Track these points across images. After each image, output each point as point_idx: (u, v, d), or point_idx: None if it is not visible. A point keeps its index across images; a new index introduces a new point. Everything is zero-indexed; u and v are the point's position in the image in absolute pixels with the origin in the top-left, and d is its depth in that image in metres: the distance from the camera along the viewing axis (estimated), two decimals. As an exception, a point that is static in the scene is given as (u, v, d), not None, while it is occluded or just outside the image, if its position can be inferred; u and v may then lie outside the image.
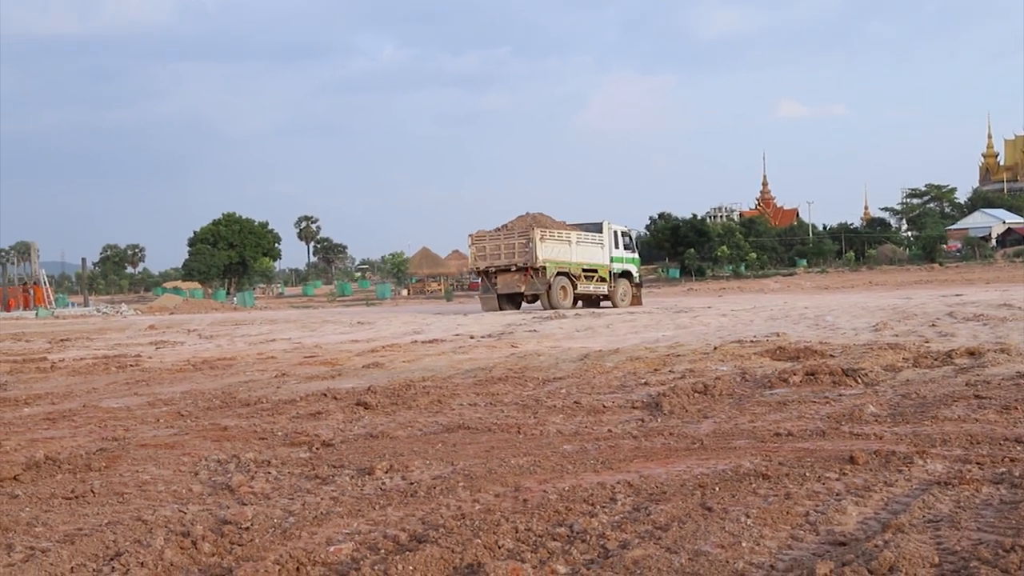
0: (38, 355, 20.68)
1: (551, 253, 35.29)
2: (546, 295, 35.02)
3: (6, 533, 5.47)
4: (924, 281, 63.61)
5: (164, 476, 7.09)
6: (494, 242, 36.02)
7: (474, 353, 17.18)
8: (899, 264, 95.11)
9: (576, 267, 36.28)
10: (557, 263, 35.37)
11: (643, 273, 48.19)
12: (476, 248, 36.46)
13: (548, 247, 35.22)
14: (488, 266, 36.14)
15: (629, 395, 10.52)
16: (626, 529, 5.02)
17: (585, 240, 37.03)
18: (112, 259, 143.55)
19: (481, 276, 37.37)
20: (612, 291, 37.74)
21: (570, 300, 35.82)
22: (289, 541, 5.19)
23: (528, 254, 34.85)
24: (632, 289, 39.09)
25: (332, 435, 8.53)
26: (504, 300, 36.44)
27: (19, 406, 11.65)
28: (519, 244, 35.21)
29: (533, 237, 34.78)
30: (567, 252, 36.07)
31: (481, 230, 36.85)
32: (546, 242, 35.18)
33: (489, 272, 36.25)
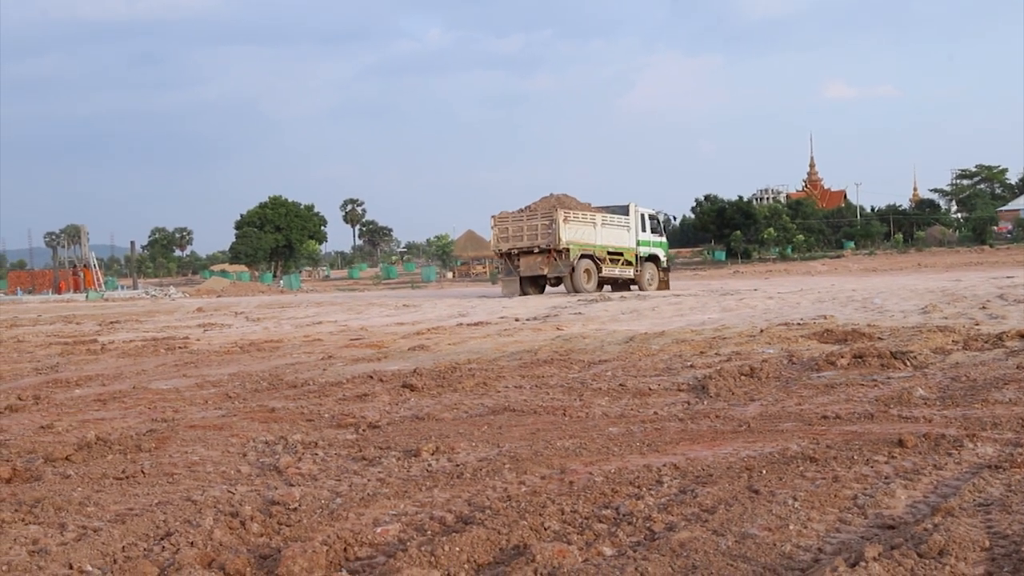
0: (89, 337, 20.92)
1: (575, 235, 34.64)
2: (569, 278, 34.42)
3: (59, 512, 5.55)
4: (974, 263, 62.95)
5: (213, 457, 7.15)
6: (517, 224, 35.41)
7: (519, 336, 17.19)
8: (948, 246, 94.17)
9: (601, 250, 35.57)
10: (581, 245, 34.71)
11: (689, 255, 47.98)
12: (499, 230, 35.85)
13: (572, 229, 34.56)
14: (510, 248, 35.58)
15: (675, 377, 10.49)
16: (672, 511, 5.01)
17: (610, 222, 36.43)
18: (160, 242, 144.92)
19: (503, 258, 36.63)
20: (638, 275, 37.06)
21: (594, 283, 35.10)
22: (336, 522, 5.22)
23: (551, 236, 34.25)
24: (659, 273, 38.39)
25: (378, 417, 8.57)
26: (527, 283, 35.82)
27: (71, 387, 11.80)
28: (542, 226, 34.62)
29: (556, 218, 34.18)
30: (591, 234, 35.39)
31: (504, 211, 36.25)
32: (569, 224, 34.53)
33: (511, 254, 35.71)
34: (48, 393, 11.19)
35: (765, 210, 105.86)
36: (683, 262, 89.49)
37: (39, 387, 11.86)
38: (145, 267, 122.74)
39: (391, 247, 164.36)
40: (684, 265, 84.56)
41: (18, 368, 14.53)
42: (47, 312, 36.75)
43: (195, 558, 4.57)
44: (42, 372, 13.81)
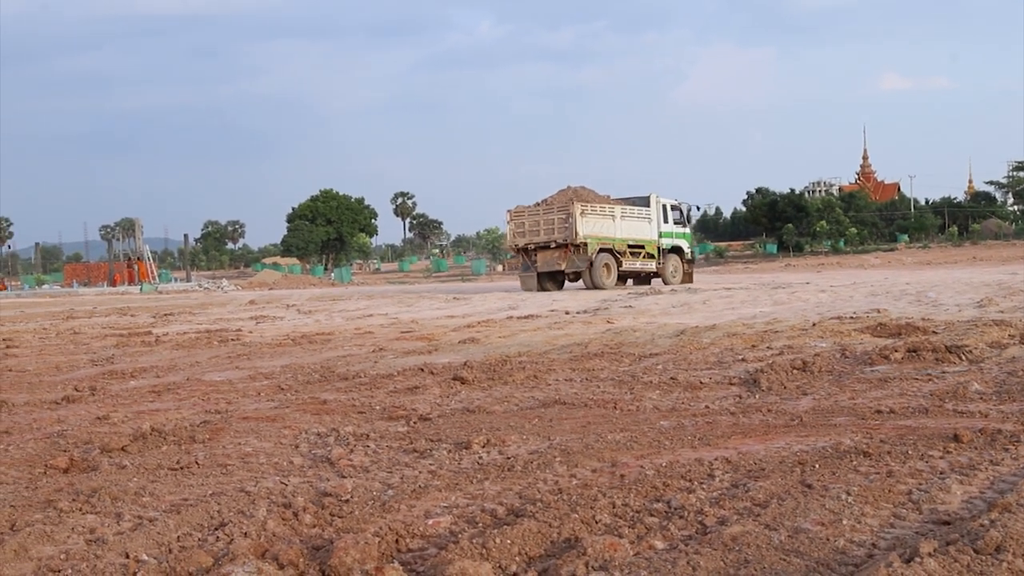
0: (143, 329, 21.16)
1: (593, 229, 33.61)
2: (587, 273, 33.44)
3: (115, 502, 5.62)
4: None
5: (266, 448, 7.21)
6: (533, 218, 34.36)
7: (570, 329, 17.18)
8: (1004, 239, 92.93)
9: (621, 243, 34.50)
10: (599, 239, 33.69)
11: (740, 249, 47.16)
12: (515, 224, 34.90)
13: (589, 222, 33.55)
14: (527, 243, 34.53)
15: (726, 371, 10.44)
16: (724, 505, 4.99)
17: (630, 215, 35.31)
18: (213, 235, 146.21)
19: (520, 253, 35.60)
20: (661, 268, 36.01)
21: (614, 278, 34.17)
22: (388, 513, 5.25)
23: (568, 230, 33.22)
24: (683, 265, 37.25)
25: (429, 409, 8.61)
26: (544, 278, 34.84)
27: (126, 379, 11.94)
28: (558, 220, 33.60)
29: (573, 212, 33.15)
30: (610, 227, 34.32)
31: (520, 205, 35.25)
32: (587, 217, 33.50)
33: (528, 249, 34.63)
34: (104, 384, 11.33)
35: (817, 203, 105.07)
36: (734, 255, 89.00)
37: (95, 378, 12.02)
38: (198, 260, 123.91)
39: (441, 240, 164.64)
40: (735, 258, 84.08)
41: (74, 360, 14.73)
42: (102, 304, 37.22)
43: (249, 548, 4.61)
44: (98, 364, 13.99)
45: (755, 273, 51.99)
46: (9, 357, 15.56)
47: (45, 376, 12.65)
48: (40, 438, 7.94)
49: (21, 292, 63.12)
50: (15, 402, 10.08)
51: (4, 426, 8.61)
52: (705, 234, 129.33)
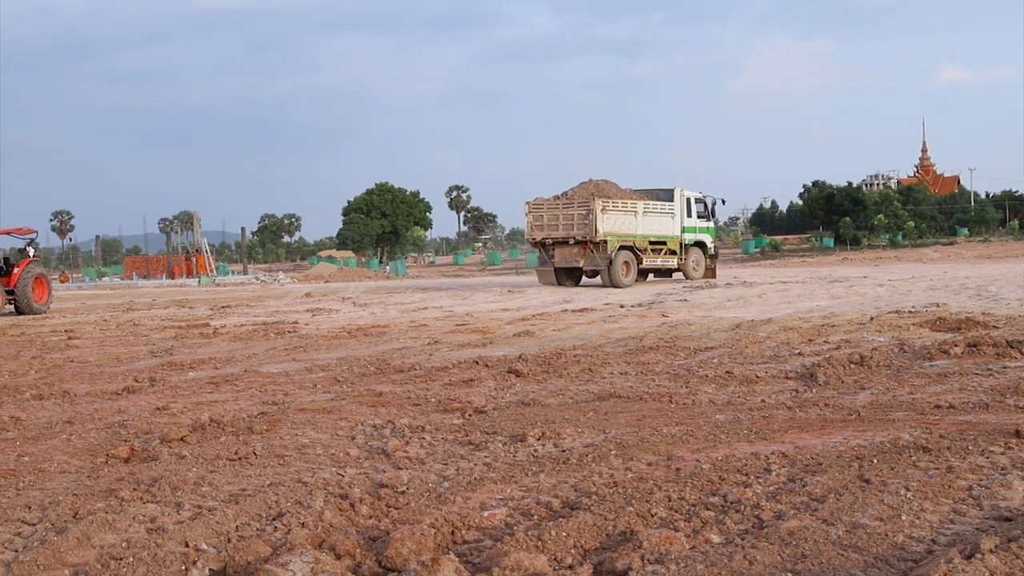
0: (201, 321, 21.37)
1: (613, 225, 32.05)
2: (606, 271, 31.93)
3: (175, 492, 5.69)
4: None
5: (322, 440, 7.27)
6: (552, 211, 32.82)
7: (624, 322, 17.14)
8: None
9: (642, 240, 33.10)
10: (620, 236, 32.18)
11: (796, 242, 46.12)
12: (533, 217, 33.21)
13: (610, 219, 31.98)
14: (545, 237, 32.90)
15: (782, 365, 10.37)
16: (781, 500, 4.96)
17: (653, 210, 33.88)
18: (270, 228, 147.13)
19: (538, 248, 34.02)
20: (683, 264, 34.72)
21: (633, 276, 32.61)
22: (444, 505, 5.27)
23: (588, 227, 31.70)
24: (706, 260, 35.85)
25: (484, 402, 8.63)
26: (562, 275, 33.40)
27: (184, 370, 12.08)
28: (578, 215, 32.09)
29: (594, 208, 31.59)
30: (632, 224, 32.82)
31: (539, 197, 33.89)
32: (608, 214, 31.91)
33: (546, 244, 33.08)
34: (163, 375, 11.47)
35: (875, 196, 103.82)
36: (790, 249, 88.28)
37: (154, 370, 12.16)
38: (255, 253, 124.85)
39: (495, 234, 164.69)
40: (791, 252, 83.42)
41: (135, 351, 14.91)
42: (161, 296, 37.64)
43: (306, 538, 4.66)
44: (157, 355, 14.16)
45: (811, 267, 51.52)
46: (71, 348, 15.79)
47: (106, 367, 12.82)
48: (102, 428, 8.06)
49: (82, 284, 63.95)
50: (77, 392, 10.23)
51: (67, 416, 8.75)
52: (761, 227, 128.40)
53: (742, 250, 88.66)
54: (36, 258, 29.89)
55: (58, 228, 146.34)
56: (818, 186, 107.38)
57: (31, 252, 29.74)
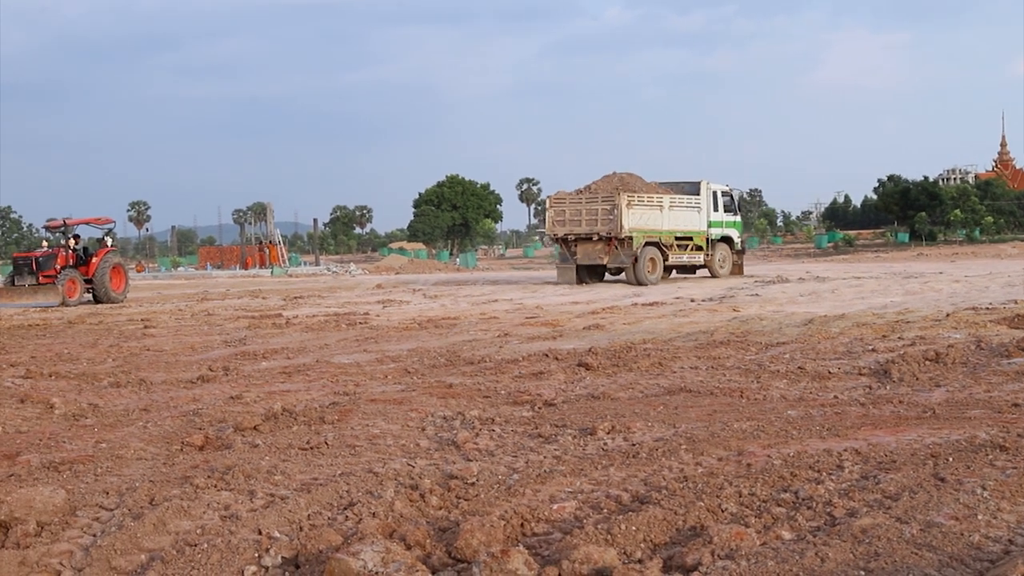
0: (274, 312, 21.61)
1: (639, 221, 30.75)
2: (631, 269, 30.61)
3: (248, 480, 5.77)
4: None
5: (393, 431, 7.32)
6: (575, 206, 31.46)
7: (695, 316, 17.05)
8: None
9: (668, 235, 31.72)
10: (646, 232, 30.81)
11: (870, 237, 44.77)
12: (554, 212, 32.00)
13: (636, 214, 30.66)
14: (567, 233, 31.51)
15: (856, 361, 10.25)
16: (854, 497, 4.91)
17: (679, 204, 32.52)
18: (341, 220, 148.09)
19: (559, 244, 32.66)
20: (709, 260, 33.40)
21: (659, 273, 31.40)
22: (513, 497, 5.29)
23: (612, 222, 30.31)
24: (732, 256, 34.63)
25: (554, 395, 8.63)
26: (584, 272, 31.94)
27: (257, 360, 12.22)
28: (602, 210, 30.68)
29: (619, 203, 30.18)
30: (657, 219, 31.50)
31: (561, 191, 32.75)
32: (634, 209, 30.60)
33: (568, 240, 31.63)
34: (237, 365, 11.61)
35: (952, 191, 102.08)
36: (864, 244, 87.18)
37: (228, 359, 12.32)
38: (327, 244, 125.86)
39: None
40: (865, 247, 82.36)
41: (209, 340, 15.11)
42: (235, 287, 38.10)
43: (377, 528, 4.69)
44: (231, 344, 14.34)
45: (886, 262, 50.81)
46: (147, 337, 16.04)
47: (181, 356, 13.01)
48: (177, 416, 8.18)
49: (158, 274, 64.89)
50: (153, 381, 10.40)
51: (143, 404, 8.90)
52: (834, 222, 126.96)
53: (815, 245, 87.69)
54: (114, 248, 30.42)
55: (135, 218, 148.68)
56: (893, 180, 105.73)
57: (109, 242, 30.26)
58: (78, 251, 29.20)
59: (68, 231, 29.71)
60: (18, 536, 4.79)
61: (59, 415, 8.37)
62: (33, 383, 10.42)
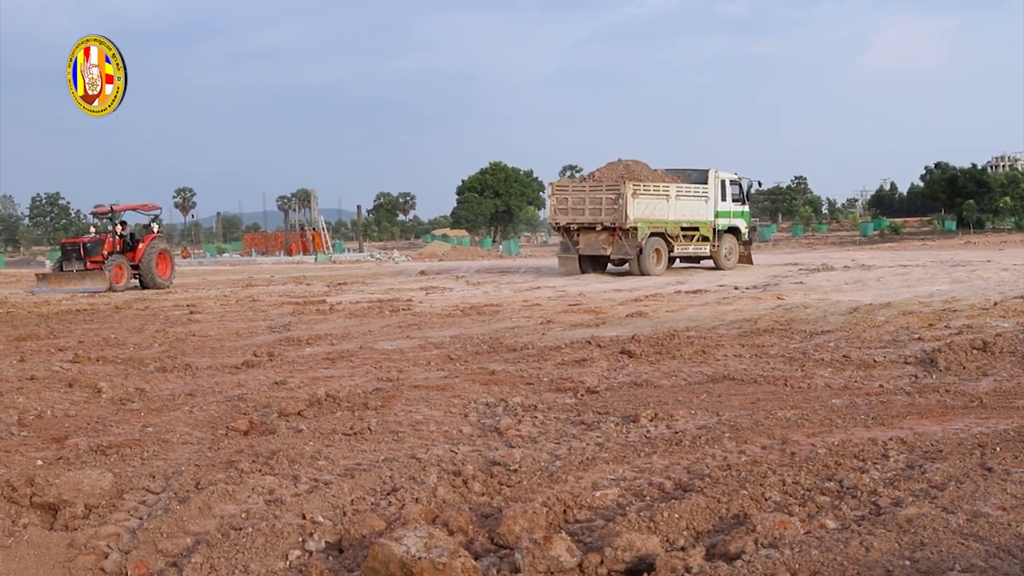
0: (318, 298, 21.73)
1: (645, 211, 29.60)
2: (635, 260, 29.53)
3: (292, 465, 5.81)
4: None
5: (436, 417, 7.34)
6: (578, 194, 30.32)
7: (739, 304, 16.97)
8: None
9: (674, 226, 30.56)
10: (651, 222, 29.70)
11: (916, 225, 43.71)
12: (556, 200, 30.73)
13: (641, 204, 29.52)
14: (569, 222, 30.30)
15: (901, 350, 10.16)
16: (899, 486, 4.87)
17: (686, 193, 31.26)
18: (385, 206, 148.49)
19: (561, 233, 31.35)
20: (715, 251, 32.08)
21: (664, 264, 30.34)
22: (556, 484, 5.29)
23: (617, 212, 29.16)
24: (739, 247, 33.29)
25: (597, 382, 8.62)
26: (587, 262, 30.81)
27: (301, 346, 12.29)
28: (607, 199, 29.51)
29: (624, 192, 28.99)
30: (664, 209, 30.33)
31: (564, 179, 31.85)
32: (639, 198, 29.44)
33: (570, 229, 30.45)
34: (281, 351, 11.68)
35: (1001, 178, 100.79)
36: (910, 231, 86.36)
37: (272, 345, 12.40)
38: (370, 231, 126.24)
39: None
40: (911, 234, 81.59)
41: (253, 326, 15.22)
42: (279, 273, 38.33)
43: (420, 514, 4.71)
44: (275, 330, 14.43)
45: (932, 250, 50.29)
46: (193, 323, 16.18)
47: (226, 341, 13.11)
48: (222, 401, 8.25)
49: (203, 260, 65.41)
50: (199, 366, 10.49)
51: (189, 388, 8.98)
52: (880, 210, 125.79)
53: (860, 233, 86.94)
54: (160, 234, 30.68)
55: (181, 205, 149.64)
56: (940, 167, 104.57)
57: (155, 228, 30.53)
58: (125, 237, 29.50)
59: (115, 217, 30.02)
60: (66, 518, 4.85)
61: (106, 399, 8.47)
62: (81, 367, 10.55)
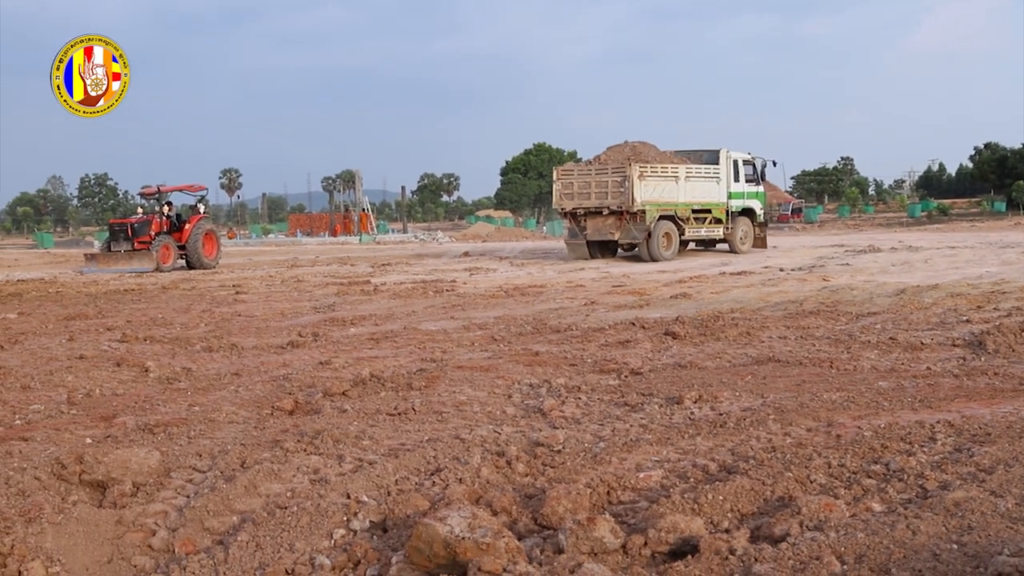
0: (362, 279, 21.82)
1: (653, 193, 28.59)
2: (645, 244, 28.42)
3: (337, 444, 5.84)
4: None
5: (479, 397, 7.35)
6: (583, 178, 29.31)
7: (784, 286, 16.87)
8: None
9: (684, 208, 29.61)
10: (660, 205, 28.73)
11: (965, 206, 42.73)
12: (562, 184, 29.82)
13: (649, 186, 28.51)
14: (576, 207, 29.42)
15: (949, 332, 10.06)
16: (946, 470, 4.82)
17: (696, 174, 30.26)
18: (429, 187, 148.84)
19: (568, 218, 30.57)
20: (729, 234, 31.20)
21: (674, 249, 29.26)
22: (599, 465, 5.28)
23: (623, 195, 28.16)
24: (754, 229, 32.40)
25: (640, 363, 8.59)
26: (595, 248, 29.96)
27: (346, 326, 12.35)
28: (612, 182, 28.49)
29: (630, 174, 27.96)
30: (673, 191, 29.34)
31: (570, 163, 30.42)
32: (646, 180, 28.44)
33: (577, 214, 29.69)
34: (326, 331, 11.74)
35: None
36: (958, 213, 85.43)
37: (317, 325, 12.47)
38: (414, 211, 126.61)
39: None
40: (959, 216, 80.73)
41: (298, 306, 15.31)
42: (324, 253, 38.53)
43: (463, 494, 4.73)
44: (320, 311, 14.51)
45: (981, 232, 49.72)
46: (239, 303, 16.30)
47: (271, 321, 13.20)
48: (267, 380, 8.30)
49: (249, 241, 65.89)
50: (244, 345, 10.56)
51: (235, 368, 9.04)
52: (928, 191, 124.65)
53: (908, 214, 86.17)
54: (206, 215, 30.94)
55: (227, 186, 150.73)
56: (990, 148, 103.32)
57: (201, 209, 30.79)
58: (172, 218, 29.77)
59: (162, 198, 30.30)
60: (115, 496, 4.90)
61: (153, 378, 8.55)
62: (128, 347, 10.66)
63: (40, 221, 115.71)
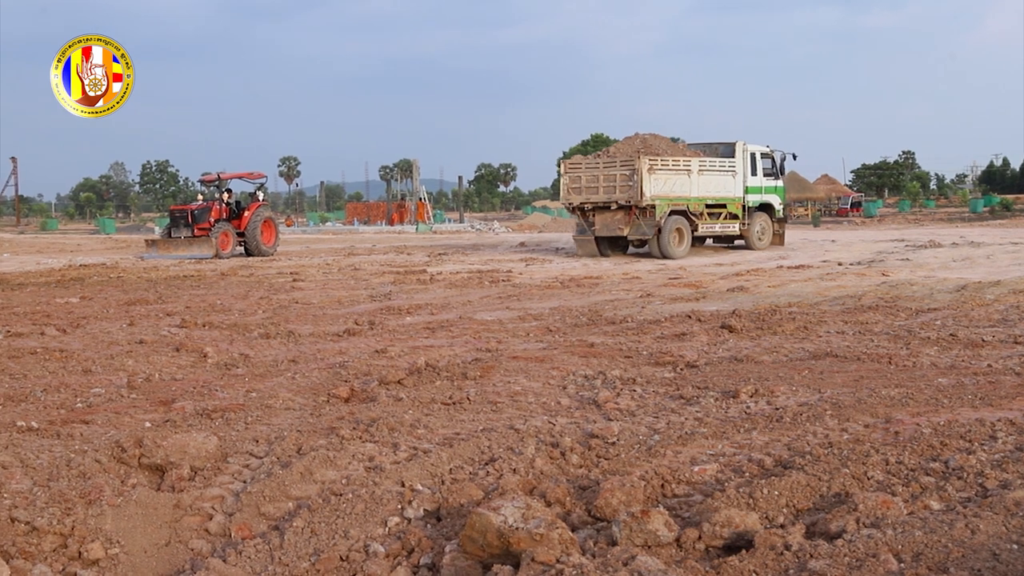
0: (418, 268, 21.92)
1: (663, 187, 27.57)
2: (655, 240, 27.41)
3: (392, 433, 5.87)
4: None
5: (534, 388, 7.36)
6: (591, 172, 28.31)
7: (842, 280, 16.71)
8: None
9: (697, 203, 28.50)
10: (670, 199, 27.67)
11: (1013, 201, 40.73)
12: (569, 178, 28.82)
13: (659, 180, 27.48)
14: (583, 202, 28.38)
15: (1011, 329, 9.91)
16: (1007, 469, 4.75)
17: (710, 168, 29.07)
18: (486, 177, 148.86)
19: (576, 214, 29.39)
20: (745, 230, 30.05)
21: (686, 245, 28.17)
22: (654, 458, 5.27)
23: (632, 189, 27.12)
24: (772, 226, 31.22)
25: (696, 356, 8.55)
26: (604, 244, 28.83)
27: (402, 315, 12.40)
28: (621, 176, 27.52)
29: (639, 167, 26.93)
30: (684, 185, 28.26)
31: (577, 156, 29.96)
32: (656, 174, 27.38)
33: (585, 209, 28.57)
34: (382, 319, 11.80)
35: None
36: (1022, 209, 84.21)
37: (373, 313, 12.53)
38: (471, 201, 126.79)
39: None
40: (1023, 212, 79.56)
41: (355, 295, 15.40)
42: (380, 242, 38.72)
43: (517, 484, 4.73)
44: (376, 299, 14.59)
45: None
46: (296, 290, 16.43)
47: (328, 309, 13.29)
48: (324, 368, 8.36)
49: (306, 228, 66.39)
50: (301, 333, 10.64)
51: (292, 355, 9.11)
52: (991, 186, 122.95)
53: (969, 209, 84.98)
54: (265, 202, 31.20)
55: (285, 174, 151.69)
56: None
57: (260, 196, 31.08)
58: (231, 205, 30.06)
59: (222, 185, 30.61)
60: (173, 480, 4.97)
61: (212, 364, 8.64)
62: (188, 332, 10.78)
63: (102, 207, 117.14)
